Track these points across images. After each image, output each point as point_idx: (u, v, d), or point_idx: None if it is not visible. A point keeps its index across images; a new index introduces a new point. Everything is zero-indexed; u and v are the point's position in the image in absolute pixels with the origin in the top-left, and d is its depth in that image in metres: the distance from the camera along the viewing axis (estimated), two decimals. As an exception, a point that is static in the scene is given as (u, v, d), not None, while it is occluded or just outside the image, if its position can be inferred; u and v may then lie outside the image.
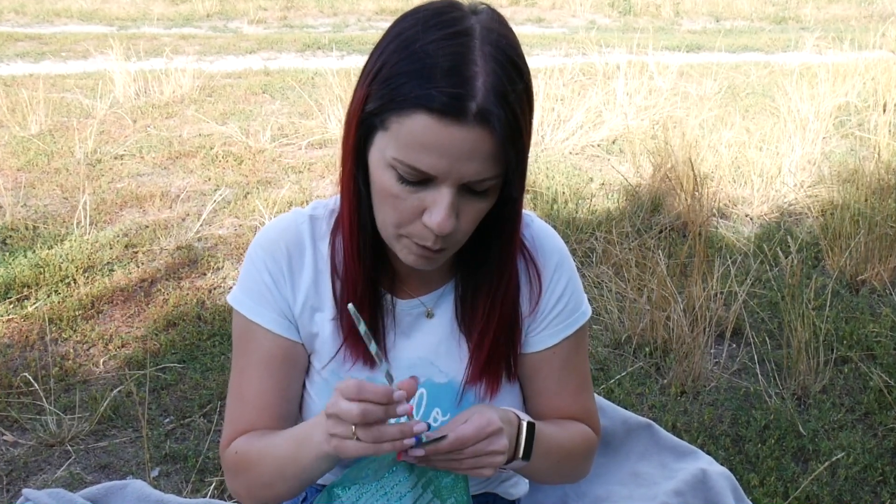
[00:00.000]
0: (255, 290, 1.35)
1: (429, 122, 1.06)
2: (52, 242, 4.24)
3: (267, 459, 1.29)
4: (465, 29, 1.08)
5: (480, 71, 1.06)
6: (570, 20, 13.48)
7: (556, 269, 1.40)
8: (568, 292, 1.41)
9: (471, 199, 1.14)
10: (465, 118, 1.05)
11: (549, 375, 1.42)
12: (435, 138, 1.06)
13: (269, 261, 1.34)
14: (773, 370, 3.36)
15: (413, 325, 1.38)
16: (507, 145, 1.08)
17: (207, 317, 3.67)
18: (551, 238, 1.43)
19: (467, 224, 1.18)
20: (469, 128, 1.05)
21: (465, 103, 1.05)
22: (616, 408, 2.18)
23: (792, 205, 5.09)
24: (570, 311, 1.42)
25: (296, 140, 6.18)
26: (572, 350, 1.43)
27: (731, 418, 3.06)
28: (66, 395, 3.12)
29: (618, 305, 3.71)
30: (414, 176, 1.11)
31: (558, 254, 1.42)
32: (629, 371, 3.34)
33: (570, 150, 6.10)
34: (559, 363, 1.42)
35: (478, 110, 1.05)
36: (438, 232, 1.13)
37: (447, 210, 1.12)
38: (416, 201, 1.13)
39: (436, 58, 1.06)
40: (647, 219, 4.75)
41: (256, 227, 4.55)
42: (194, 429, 2.95)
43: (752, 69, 9.30)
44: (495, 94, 1.05)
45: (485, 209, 1.18)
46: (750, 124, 6.57)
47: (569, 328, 1.42)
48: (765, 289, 3.96)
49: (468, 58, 1.06)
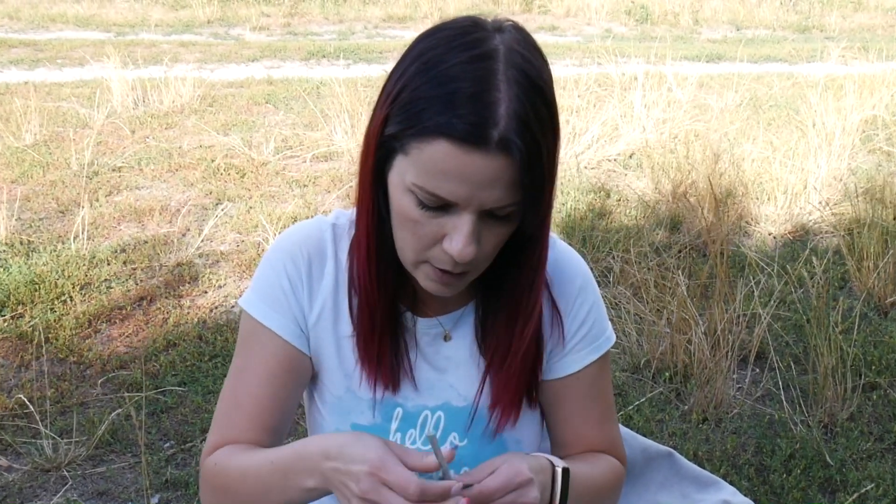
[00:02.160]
0: (271, 293, 1.36)
1: (450, 149, 1.08)
2: (47, 258, 4.27)
3: (249, 482, 1.26)
4: (488, 51, 1.10)
5: (503, 97, 1.07)
6: (585, 28, 13.54)
7: (578, 294, 1.42)
8: (591, 318, 1.42)
9: (492, 225, 1.16)
10: (486, 146, 1.07)
11: (572, 403, 1.43)
12: (456, 166, 1.09)
13: (289, 265, 1.35)
14: (798, 397, 3.36)
15: (432, 344, 1.39)
16: (526, 172, 1.10)
17: (209, 337, 3.68)
18: (574, 261, 1.44)
19: (489, 248, 1.19)
20: (491, 156, 1.08)
21: (486, 131, 1.07)
22: (635, 435, 2.19)
23: (817, 223, 5.10)
24: (593, 336, 1.42)
25: (300, 152, 6.21)
26: (596, 377, 1.44)
27: (755, 447, 3.06)
28: (62, 418, 3.13)
29: (636, 328, 3.72)
30: (434, 202, 1.13)
31: (581, 277, 1.43)
32: (648, 397, 3.34)
33: (585, 164, 6.12)
34: (583, 390, 1.43)
35: (499, 138, 1.07)
36: (459, 259, 1.15)
37: (468, 237, 1.14)
38: (436, 227, 1.15)
39: (458, 82, 1.08)
40: (667, 237, 4.76)
41: (260, 244, 4.58)
42: (195, 454, 2.96)
43: (774, 80, 9.32)
44: (517, 122, 1.07)
45: (506, 234, 1.20)
46: (773, 138, 6.58)
47: (592, 354, 1.42)
48: (789, 311, 3.97)
49: (491, 83, 1.08)
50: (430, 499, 1.08)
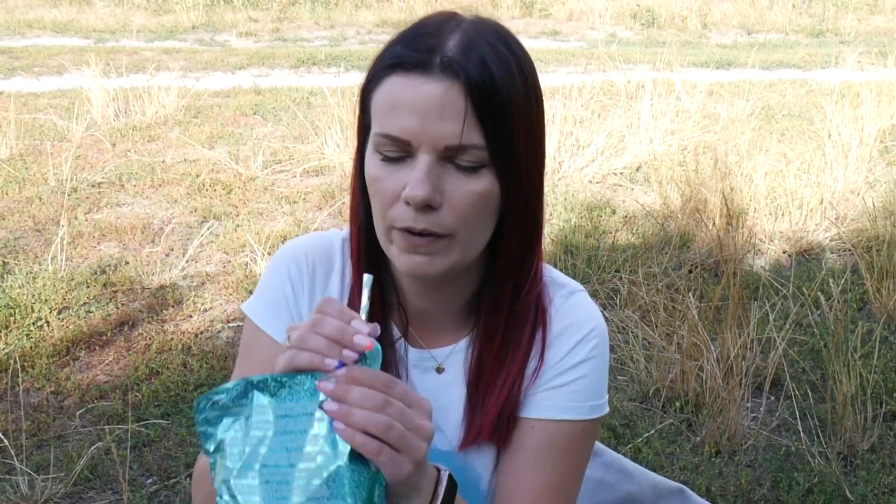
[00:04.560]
0: (272, 298, 1.38)
1: (398, 81, 1.15)
2: (23, 280, 4.26)
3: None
4: (454, 17, 1.20)
5: (456, 34, 1.16)
6: (589, 33, 13.57)
7: (579, 342, 1.34)
8: (582, 370, 1.33)
9: (457, 176, 1.17)
10: (430, 69, 1.13)
11: (519, 453, 1.33)
12: (404, 96, 1.14)
13: (293, 271, 1.38)
14: (816, 427, 3.35)
15: (422, 378, 1.38)
16: (480, 103, 1.13)
17: (194, 364, 3.67)
18: (586, 313, 1.38)
19: (457, 207, 1.18)
20: (435, 79, 1.13)
21: (432, 56, 1.13)
22: (645, 471, 2.17)
23: (833, 240, 5.10)
24: (574, 392, 1.33)
25: (290, 167, 6.21)
26: (561, 443, 1.33)
27: (772, 481, 3.06)
28: (38, 453, 3.12)
29: (644, 354, 3.71)
30: (392, 148, 1.17)
31: (590, 326, 1.36)
32: (658, 428, 3.33)
33: (589, 178, 6.12)
34: (535, 445, 1.32)
35: (444, 61, 1.12)
36: (410, 199, 1.15)
37: (421, 174, 1.14)
38: (397, 181, 1.17)
39: (416, 30, 1.18)
40: (676, 256, 4.76)
41: (247, 264, 4.57)
42: (180, 491, 2.95)
43: (787, 88, 9.35)
44: (465, 48, 1.14)
45: (476, 193, 1.18)
46: (787, 149, 6.59)
47: (563, 412, 1.32)
48: (805, 335, 3.96)
49: (446, 27, 1.17)
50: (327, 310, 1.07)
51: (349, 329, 1.06)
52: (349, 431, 1.02)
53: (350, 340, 1.06)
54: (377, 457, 1.02)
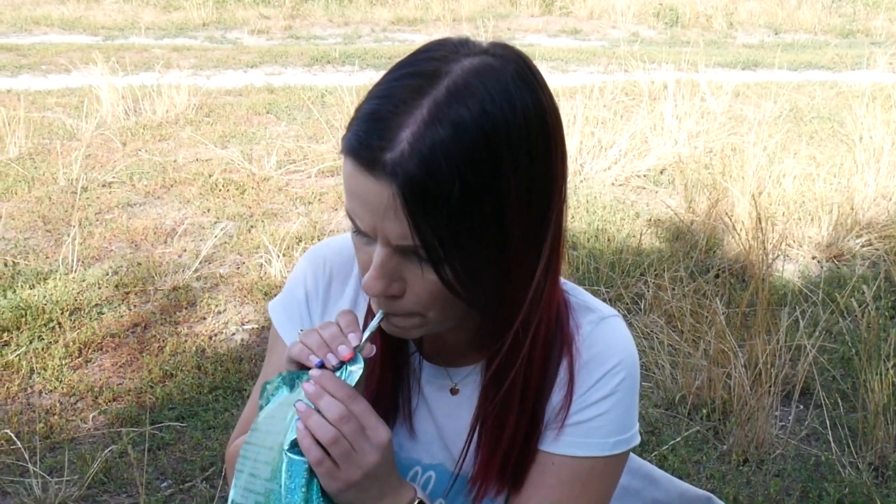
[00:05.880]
0: (290, 302, 1.43)
1: (351, 167, 1.08)
2: (34, 281, 4.31)
3: None
4: (430, 71, 1.08)
5: (414, 121, 1.04)
6: (610, 32, 13.59)
7: (604, 376, 1.31)
8: (606, 405, 1.30)
9: (416, 265, 1.12)
10: (374, 170, 1.05)
11: (536, 488, 1.32)
12: (354, 186, 1.09)
13: (309, 277, 1.41)
14: (846, 436, 3.37)
15: (437, 396, 1.38)
16: (423, 206, 1.05)
17: (208, 367, 3.71)
18: (616, 342, 1.34)
19: (419, 296, 1.15)
20: (381, 182, 1.05)
21: (378, 154, 1.04)
22: (672, 479, 2.20)
23: (865, 246, 5.11)
24: (597, 428, 1.30)
25: (304, 167, 6.26)
26: (580, 479, 1.31)
27: (801, 491, 3.08)
28: (51, 455, 3.16)
29: (670, 360, 3.74)
30: (355, 226, 1.14)
31: (618, 359, 1.32)
32: (684, 436, 3.35)
33: (612, 180, 6.15)
34: (554, 481, 1.31)
35: (389, 163, 1.04)
36: (367, 290, 1.15)
37: (376, 270, 1.12)
38: (366, 255, 1.15)
39: (378, 100, 1.07)
40: (702, 261, 4.78)
41: (262, 266, 4.62)
42: (196, 495, 2.99)
43: (816, 90, 9.35)
44: (417, 150, 1.03)
45: (435, 282, 1.13)
46: (816, 153, 6.61)
47: (584, 448, 1.30)
48: (836, 343, 3.98)
49: (411, 103, 1.05)
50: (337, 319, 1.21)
51: (340, 337, 1.18)
52: (303, 432, 1.14)
53: (335, 346, 1.17)
54: (316, 466, 1.14)
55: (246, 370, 3.71)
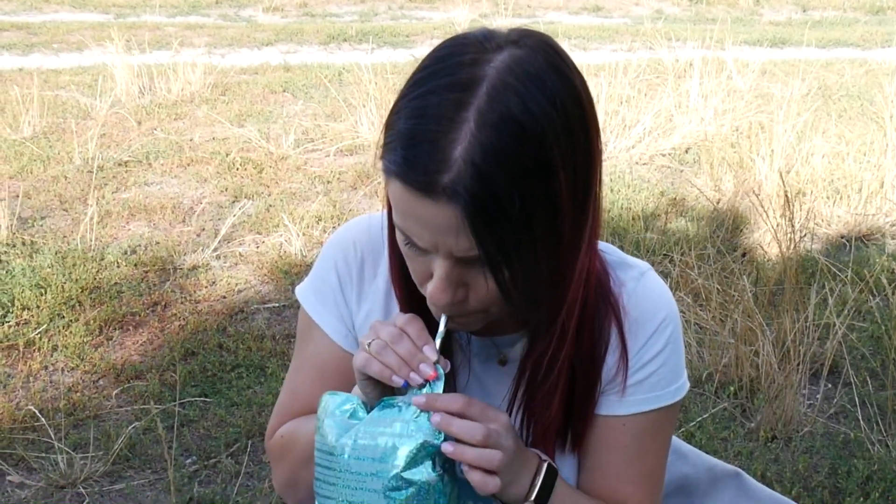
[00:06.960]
0: (321, 288, 1.45)
1: (403, 192, 1.11)
2: (52, 259, 4.39)
3: (312, 435, 1.32)
4: (469, 80, 1.09)
5: (463, 137, 1.07)
6: (634, 9, 13.59)
7: (655, 332, 1.37)
8: (660, 360, 1.38)
9: (480, 270, 1.16)
10: (433, 194, 1.08)
11: (610, 451, 1.39)
12: (411, 210, 1.12)
13: (339, 261, 1.44)
14: (875, 414, 3.41)
15: (486, 369, 1.42)
16: (482, 224, 1.09)
17: (230, 345, 3.78)
18: (659, 297, 1.40)
19: (483, 298, 1.20)
20: (441, 204, 1.08)
21: (434, 177, 1.07)
22: (700, 454, 2.24)
23: (894, 225, 5.14)
24: (656, 383, 1.38)
25: (322, 146, 6.32)
26: (649, 431, 1.40)
27: (829, 468, 3.13)
28: (76, 432, 3.24)
29: (697, 338, 3.79)
30: (411, 242, 1.17)
31: (664, 314, 1.39)
32: (711, 413, 3.41)
33: (636, 159, 6.19)
34: (627, 440, 1.39)
35: (447, 186, 1.07)
36: (434, 304, 1.20)
37: (441, 282, 1.17)
38: (423, 265, 1.20)
39: (421, 119, 1.09)
40: (729, 239, 4.83)
41: (281, 245, 4.68)
42: (221, 471, 3.06)
43: (845, 67, 9.35)
44: (472, 167, 1.06)
45: (503, 279, 1.18)
46: (845, 131, 6.63)
47: (650, 403, 1.38)
48: (865, 321, 4.02)
49: (456, 119, 1.07)
50: (409, 331, 1.22)
51: (419, 354, 1.20)
52: (467, 469, 1.18)
53: (416, 365, 1.20)
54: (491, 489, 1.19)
55: (268, 348, 3.77)
